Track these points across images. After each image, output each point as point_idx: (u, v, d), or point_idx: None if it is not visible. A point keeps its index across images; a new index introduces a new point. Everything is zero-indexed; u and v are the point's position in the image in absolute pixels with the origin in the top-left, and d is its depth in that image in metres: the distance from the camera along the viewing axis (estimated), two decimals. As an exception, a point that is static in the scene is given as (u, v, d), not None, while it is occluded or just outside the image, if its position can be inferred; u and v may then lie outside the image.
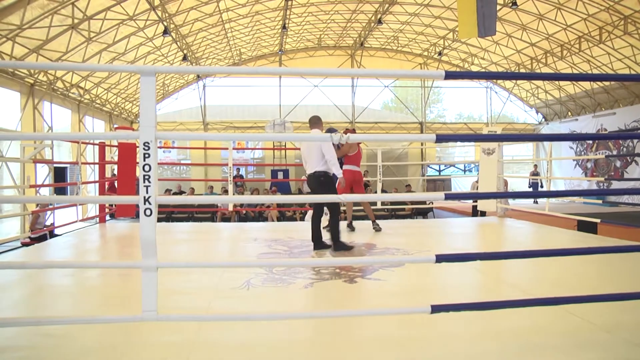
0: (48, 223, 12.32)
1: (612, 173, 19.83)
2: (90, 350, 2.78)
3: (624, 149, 19.30)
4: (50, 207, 10.27)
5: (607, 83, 19.90)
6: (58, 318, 3.09)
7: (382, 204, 10.99)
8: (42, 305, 3.72)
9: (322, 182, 5.97)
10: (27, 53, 13.16)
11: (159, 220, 13.76)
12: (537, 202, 18.08)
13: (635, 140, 18.04)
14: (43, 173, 14.83)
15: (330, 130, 7.19)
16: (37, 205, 11.25)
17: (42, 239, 9.62)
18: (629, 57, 17.60)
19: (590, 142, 21.20)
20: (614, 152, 19.52)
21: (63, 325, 2.97)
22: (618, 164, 19.60)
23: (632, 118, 18.77)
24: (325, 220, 6.47)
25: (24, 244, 10.00)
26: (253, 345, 2.87)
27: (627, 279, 4.51)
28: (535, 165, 23.35)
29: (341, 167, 7.12)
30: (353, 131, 7.71)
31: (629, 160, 18.99)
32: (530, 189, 21.35)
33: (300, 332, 3.05)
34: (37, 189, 13.65)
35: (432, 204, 15.63)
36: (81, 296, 4.03)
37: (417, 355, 2.73)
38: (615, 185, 17.83)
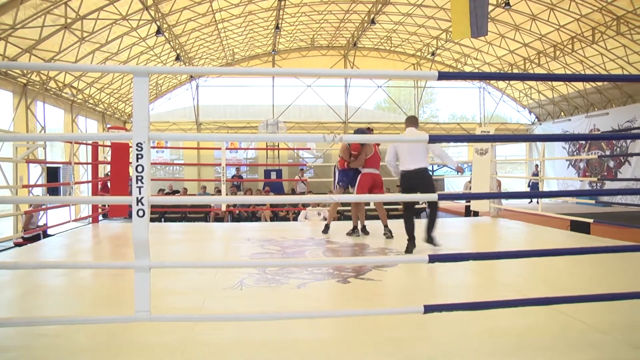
0: (41, 223, 12.26)
1: (605, 173, 19.92)
2: (83, 351, 2.77)
3: (617, 149, 19.39)
4: (43, 207, 10.22)
5: (600, 83, 20.00)
6: (51, 318, 3.09)
7: (375, 204, 10.97)
8: (35, 306, 3.70)
9: (427, 177, 6.06)
10: (19, 53, 13.10)
11: (152, 220, 13.70)
12: (532, 202, 18.16)
13: (628, 141, 18.13)
14: (36, 173, 14.75)
15: (362, 131, 7.23)
16: (30, 205, 11.20)
17: (35, 239, 9.56)
18: (621, 58, 17.69)
19: (583, 142, 21.29)
20: (607, 153, 19.60)
21: (56, 326, 2.97)
22: (611, 164, 19.69)
23: (625, 118, 18.86)
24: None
25: (17, 244, 9.94)
26: (246, 345, 2.87)
27: (619, 279, 4.54)
28: (537, 165, 23.37)
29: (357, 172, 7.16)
30: (371, 130, 7.58)
31: (622, 161, 19.09)
32: (529, 189, 21.45)
33: (294, 332, 3.05)
34: (30, 189, 13.57)
35: (426, 204, 15.63)
36: (74, 296, 4.02)
37: (410, 355, 2.74)
38: (608, 185, 17.91)
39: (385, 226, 7.01)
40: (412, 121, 6.26)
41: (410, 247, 5.72)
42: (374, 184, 7.08)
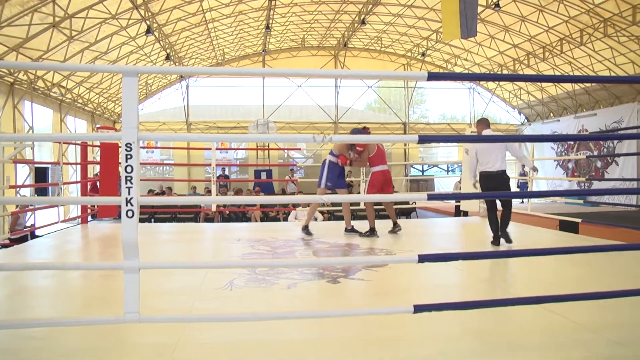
0: (29, 224, 12.17)
1: (593, 173, 20.08)
2: (72, 353, 2.75)
3: (605, 150, 19.55)
4: (31, 208, 10.14)
5: (588, 85, 20.17)
6: (39, 320, 3.06)
7: (365, 204, 11.00)
8: (22, 308, 3.67)
9: (506, 178, 6.28)
10: (6, 51, 12.97)
11: (142, 220, 13.67)
12: (522, 202, 18.23)
13: (615, 141, 18.29)
14: (23, 173, 14.64)
15: (359, 131, 7.21)
16: (17, 206, 11.10)
17: (22, 240, 9.49)
18: (608, 59, 17.86)
19: (572, 142, 21.45)
20: (595, 153, 19.76)
21: (44, 328, 2.94)
22: (599, 164, 19.85)
23: (613, 119, 19.02)
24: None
25: (4, 246, 9.83)
26: (237, 346, 2.86)
27: (607, 277, 4.58)
28: (523, 165, 23.41)
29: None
30: (368, 130, 7.57)
31: (609, 161, 19.25)
32: (518, 189, 21.51)
33: (284, 332, 3.04)
34: (17, 189, 13.47)
35: (416, 204, 15.68)
36: (62, 298, 3.98)
37: (400, 355, 2.74)
38: (596, 185, 18.05)
39: (395, 223, 7.22)
40: (485, 123, 6.59)
41: (496, 242, 6.15)
42: (385, 182, 7.17)
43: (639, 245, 5.59)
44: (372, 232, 6.97)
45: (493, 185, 6.14)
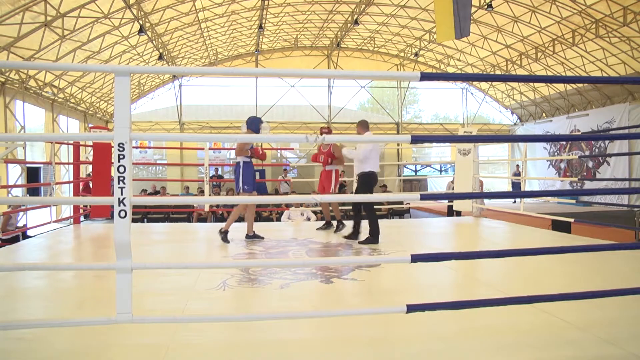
0: (20, 224, 12.09)
1: (585, 173, 20.18)
2: (63, 354, 2.74)
3: (596, 150, 19.66)
4: (23, 208, 10.09)
5: (580, 85, 20.26)
6: (29, 321, 3.05)
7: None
8: (13, 309, 3.65)
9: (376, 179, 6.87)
10: (-3, 51, 12.91)
11: (135, 220, 13.63)
12: (516, 202, 18.31)
13: (607, 141, 18.39)
14: (15, 173, 14.56)
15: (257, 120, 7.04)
16: (9, 206, 11.04)
17: (14, 240, 9.43)
18: (600, 60, 17.95)
19: (564, 142, 21.55)
20: (587, 153, 19.86)
21: (34, 329, 2.93)
22: (590, 164, 19.95)
23: (604, 119, 19.13)
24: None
25: (-5, 246, 9.79)
26: (229, 346, 2.86)
27: (599, 277, 4.61)
28: (518, 165, 23.51)
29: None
30: (329, 130, 7.72)
31: (601, 161, 19.36)
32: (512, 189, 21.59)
33: (277, 332, 3.04)
34: (9, 189, 13.39)
35: (409, 204, 15.71)
36: (54, 299, 3.96)
37: (393, 355, 2.75)
38: (588, 185, 18.15)
39: (335, 221, 7.51)
40: (367, 125, 6.95)
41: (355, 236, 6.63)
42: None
43: (630, 245, 5.63)
44: (341, 224, 7.42)
45: (374, 184, 6.80)
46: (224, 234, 6.56)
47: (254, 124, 6.74)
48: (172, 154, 24.31)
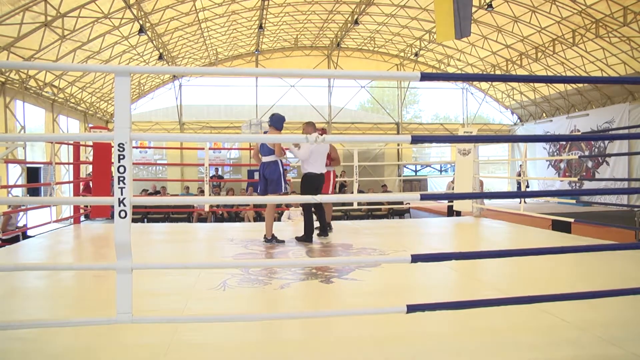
0: (21, 224, 12.10)
1: (584, 173, 20.18)
2: (63, 354, 2.74)
3: (596, 150, 19.65)
4: (23, 208, 10.08)
5: (580, 85, 20.26)
6: (29, 321, 3.04)
7: (359, 204, 11.06)
8: (13, 309, 3.65)
9: (323, 180, 6.99)
10: (-3, 51, 12.90)
11: (135, 220, 13.62)
12: (521, 202, 18.29)
13: (606, 141, 18.39)
14: (15, 173, 14.55)
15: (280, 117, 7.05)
16: (9, 206, 11.04)
17: (14, 240, 9.43)
18: (600, 60, 17.95)
19: (564, 142, 21.55)
20: (586, 153, 19.86)
21: (35, 329, 2.93)
22: (590, 164, 19.95)
23: (604, 119, 19.13)
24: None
25: (-5, 246, 9.79)
26: (230, 346, 2.86)
27: (599, 277, 4.61)
28: (521, 165, 23.46)
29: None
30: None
31: (600, 161, 19.36)
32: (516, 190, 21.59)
33: (277, 332, 3.04)
34: (9, 189, 13.38)
35: (409, 204, 15.72)
36: (54, 299, 3.97)
37: (393, 355, 2.75)
38: (587, 185, 18.15)
39: (328, 223, 7.43)
40: (314, 126, 7.07)
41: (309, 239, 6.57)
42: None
43: (630, 245, 5.63)
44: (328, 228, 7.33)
45: (317, 185, 6.79)
46: (272, 239, 6.42)
47: (279, 122, 6.67)
48: (172, 154, 24.30)
